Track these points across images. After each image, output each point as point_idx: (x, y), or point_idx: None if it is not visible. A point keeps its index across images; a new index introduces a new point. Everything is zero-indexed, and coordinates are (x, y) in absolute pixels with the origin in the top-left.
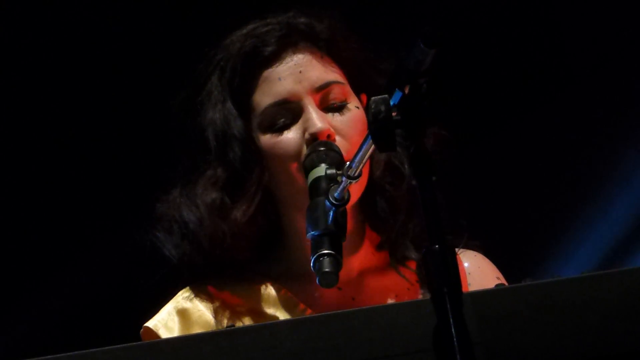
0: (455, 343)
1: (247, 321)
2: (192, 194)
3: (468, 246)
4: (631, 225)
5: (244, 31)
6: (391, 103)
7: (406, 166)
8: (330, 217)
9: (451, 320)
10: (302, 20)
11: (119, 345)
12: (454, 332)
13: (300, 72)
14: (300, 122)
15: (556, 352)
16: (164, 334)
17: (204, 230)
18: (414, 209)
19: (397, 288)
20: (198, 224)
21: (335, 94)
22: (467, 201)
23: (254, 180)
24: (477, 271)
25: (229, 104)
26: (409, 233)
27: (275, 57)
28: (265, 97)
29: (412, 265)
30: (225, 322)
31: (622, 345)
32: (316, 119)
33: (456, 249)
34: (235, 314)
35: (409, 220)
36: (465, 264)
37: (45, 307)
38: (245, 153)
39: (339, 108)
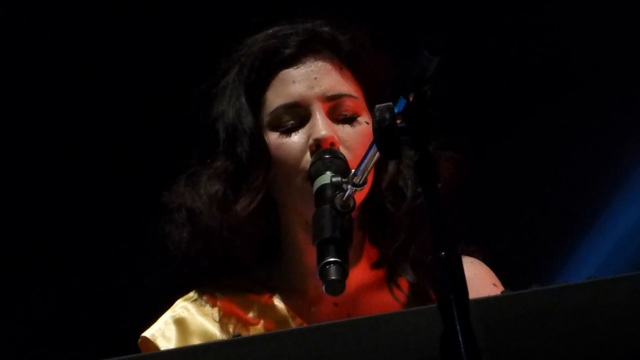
0: (462, 350)
1: (244, 331)
2: (197, 184)
3: (465, 252)
4: (638, 229)
5: (269, 31)
6: (395, 110)
7: (409, 189)
8: (336, 224)
9: (458, 327)
10: (327, 29)
11: (120, 357)
12: (460, 339)
13: (315, 78)
14: (306, 127)
15: (563, 358)
16: (162, 344)
17: (203, 220)
18: (417, 231)
19: (391, 307)
20: (199, 213)
21: (347, 107)
22: (472, 207)
23: (259, 176)
24: (474, 278)
25: (242, 99)
26: (408, 254)
27: (293, 60)
28: (277, 97)
29: (405, 286)
30: (223, 332)
31: (629, 351)
32: (321, 126)
33: None
34: (233, 324)
35: (410, 242)
36: None
37: (41, 316)
38: (253, 149)
39: (349, 120)
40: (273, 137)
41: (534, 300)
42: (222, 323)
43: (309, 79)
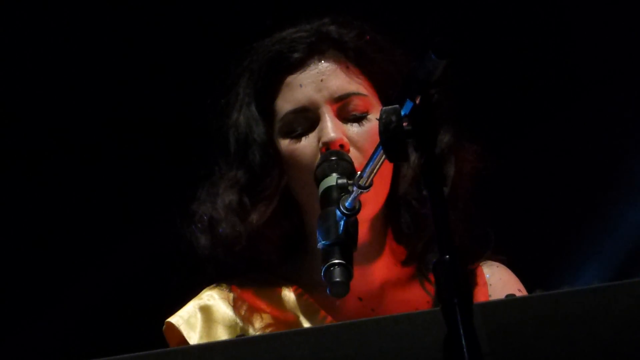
0: (465, 354)
1: (267, 323)
2: (214, 193)
3: (492, 258)
4: None
5: (275, 36)
6: (402, 113)
7: None
8: (341, 226)
9: (461, 331)
10: (333, 28)
11: (129, 354)
12: (464, 343)
13: (321, 80)
14: (316, 130)
15: None
16: (186, 330)
17: (222, 230)
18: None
19: (418, 302)
20: (217, 223)
21: (356, 105)
22: (478, 213)
23: (272, 185)
24: (499, 282)
25: (253, 108)
26: (435, 249)
27: (300, 64)
28: (286, 103)
29: None
30: (246, 322)
31: (632, 357)
32: (330, 129)
33: (480, 261)
34: (257, 315)
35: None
36: (487, 275)
37: (67, 308)
38: (264, 157)
39: (358, 119)
40: (285, 144)
41: (537, 305)
42: (246, 315)
43: (316, 82)
